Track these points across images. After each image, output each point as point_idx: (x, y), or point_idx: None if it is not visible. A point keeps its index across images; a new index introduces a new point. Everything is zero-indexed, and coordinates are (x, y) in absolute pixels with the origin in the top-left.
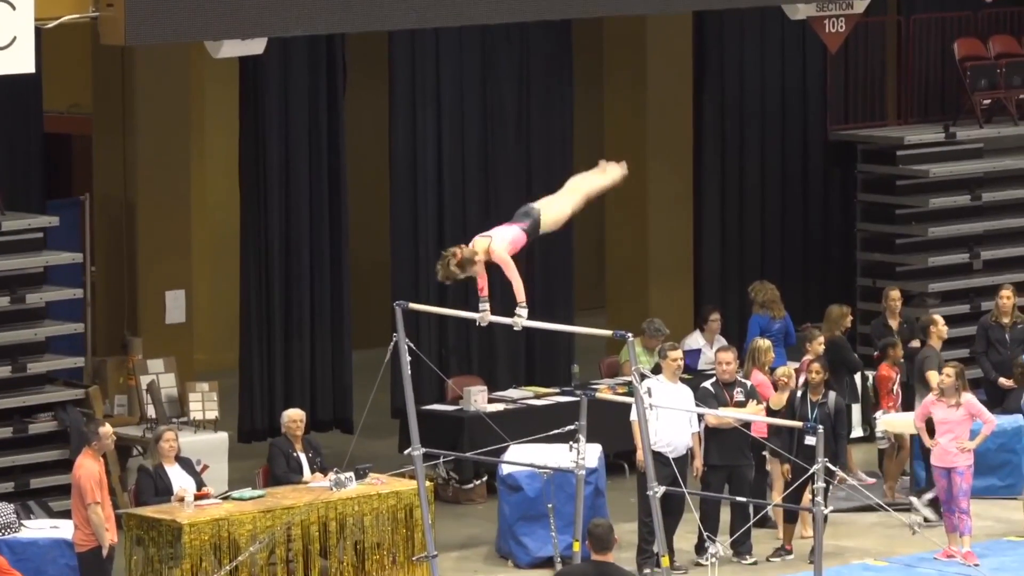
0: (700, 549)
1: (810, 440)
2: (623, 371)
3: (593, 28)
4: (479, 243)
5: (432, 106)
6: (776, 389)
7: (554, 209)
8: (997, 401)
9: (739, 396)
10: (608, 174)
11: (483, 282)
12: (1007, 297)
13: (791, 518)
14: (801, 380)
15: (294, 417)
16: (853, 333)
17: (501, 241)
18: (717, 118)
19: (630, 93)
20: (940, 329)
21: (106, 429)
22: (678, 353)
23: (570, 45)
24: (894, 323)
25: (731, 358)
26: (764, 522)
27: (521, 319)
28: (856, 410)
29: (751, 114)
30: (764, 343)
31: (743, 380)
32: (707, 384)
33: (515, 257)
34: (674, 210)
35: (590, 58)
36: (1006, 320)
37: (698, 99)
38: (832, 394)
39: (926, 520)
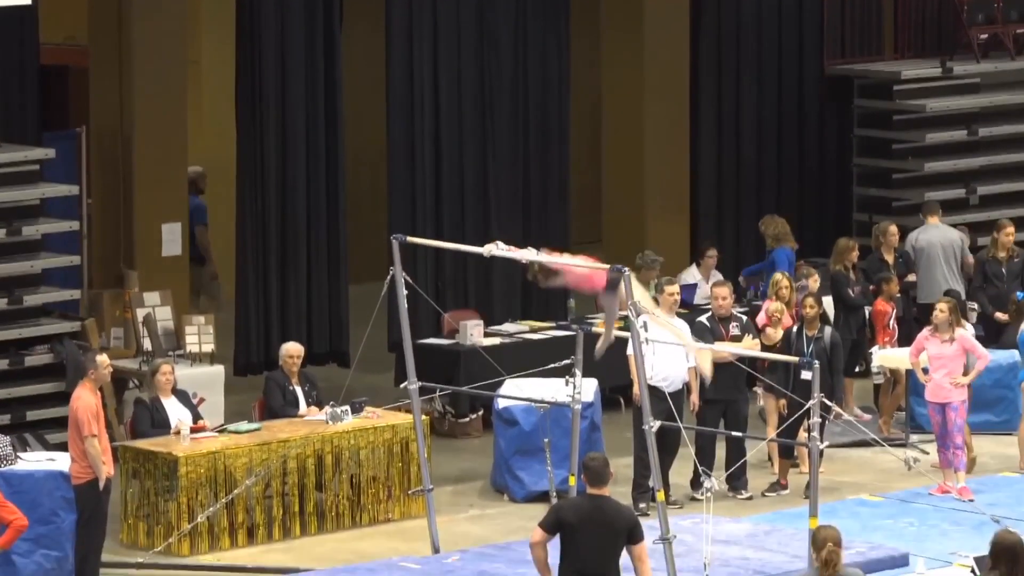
0: (695, 484)
1: (806, 375)
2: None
3: None
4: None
5: (428, 41)
6: (770, 323)
7: None
8: (993, 336)
9: (735, 331)
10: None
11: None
12: (1009, 234)
13: (787, 454)
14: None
15: (292, 352)
16: None
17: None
18: (714, 53)
19: (627, 27)
20: None
21: (103, 358)
22: (674, 288)
23: None
24: (890, 258)
25: (727, 292)
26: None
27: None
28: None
29: (747, 49)
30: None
31: (739, 315)
32: (703, 319)
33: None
34: (670, 145)
35: None
36: (1003, 254)
37: (695, 34)
38: (828, 329)
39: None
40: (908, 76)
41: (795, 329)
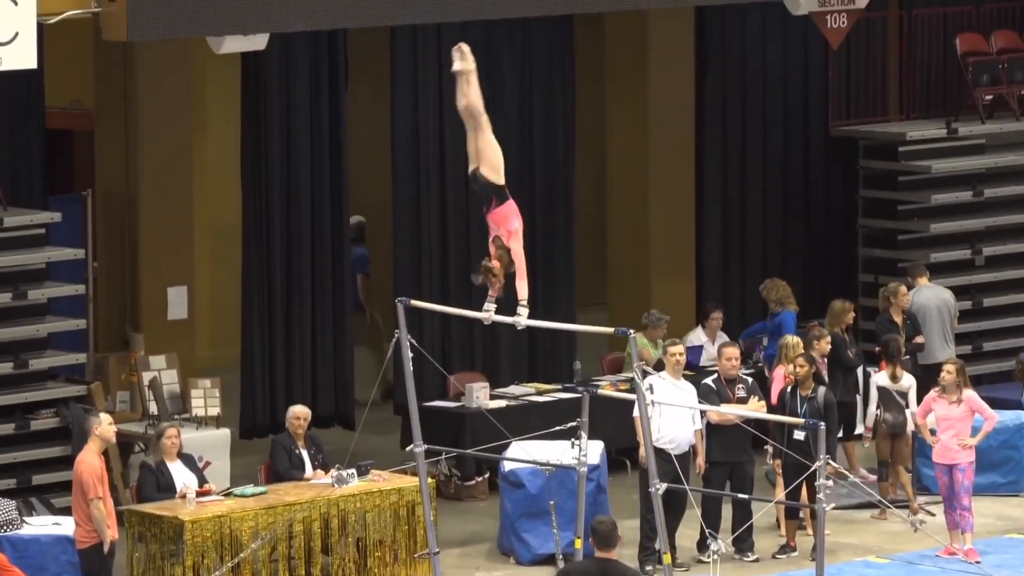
0: (702, 546)
1: (798, 435)
2: (627, 367)
3: (595, 23)
4: (504, 257)
5: (434, 102)
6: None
7: (485, 156)
8: None
9: (741, 392)
10: (465, 64)
11: (500, 285)
12: None
13: (793, 515)
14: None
15: (299, 415)
16: (856, 329)
17: (517, 240)
18: (719, 114)
19: (632, 89)
20: None
21: (107, 416)
22: (678, 348)
23: (572, 41)
24: (899, 319)
25: (736, 354)
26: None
27: (523, 318)
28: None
29: (753, 110)
30: (794, 339)
31: (745, 376)
32: (709, 380)
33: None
34: (676, 206)
35: (592, 53)
36: None
37: (700, 95)
38: (822, 389)
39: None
40: (913, 137)
41: (788, 389)
